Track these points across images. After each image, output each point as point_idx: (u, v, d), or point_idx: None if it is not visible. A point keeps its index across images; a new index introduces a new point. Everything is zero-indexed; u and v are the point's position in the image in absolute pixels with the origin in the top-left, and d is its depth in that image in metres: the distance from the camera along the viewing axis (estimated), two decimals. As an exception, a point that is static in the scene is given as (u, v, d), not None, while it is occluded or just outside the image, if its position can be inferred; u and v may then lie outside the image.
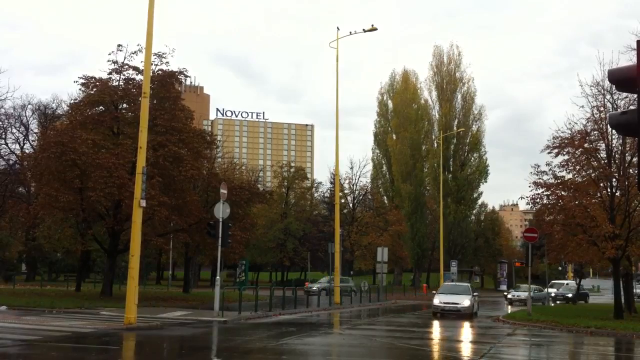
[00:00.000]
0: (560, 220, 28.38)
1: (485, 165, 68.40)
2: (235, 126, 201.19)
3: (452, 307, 27.75)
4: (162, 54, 29.48)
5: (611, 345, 19.26)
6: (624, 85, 8.34)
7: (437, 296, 29.15)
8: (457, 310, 27.69)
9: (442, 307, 27.88)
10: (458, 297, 28.53)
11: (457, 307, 27.76)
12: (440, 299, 28.48)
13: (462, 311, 27.67)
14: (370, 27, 34.42)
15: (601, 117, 26.79)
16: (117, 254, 31.68)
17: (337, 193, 39.11)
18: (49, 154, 26.68)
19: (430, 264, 69.59)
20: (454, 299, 28.18)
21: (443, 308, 27.86)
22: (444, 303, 28.01)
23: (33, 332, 16.36)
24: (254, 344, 16.17)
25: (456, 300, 28.14)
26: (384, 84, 75.10)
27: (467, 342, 18.61)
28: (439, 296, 29.00)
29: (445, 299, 28.32)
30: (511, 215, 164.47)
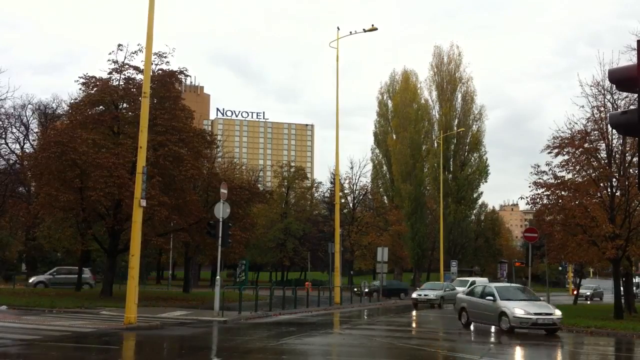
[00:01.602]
0: (560, 220, 28.37)
1: (486, 165, 68.44)
2: (235, 126, 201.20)
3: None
4: (163, 54, 29.51)
5: (611, 345, 19.26)
6: (624, 84, 8.35)
7: None
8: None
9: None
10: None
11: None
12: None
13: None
14: (371, 27, 34.44)
15: (601, 117, 26.78)
16: (117, 254, 31.67)
17: (337, 193, 39.12)
18: (49, 154, 26.66)
19: (430, 264, 69.60)
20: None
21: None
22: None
23: (33, 331, 16.35)
24: (254, 344, 16.17)
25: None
26: (384, 84, 75.21)
27: (467, 342, 18.61)
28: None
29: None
30: (511, 215, 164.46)
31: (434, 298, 35.72)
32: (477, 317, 21.79)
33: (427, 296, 35.86)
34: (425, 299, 35.71)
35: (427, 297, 35.80)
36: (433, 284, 41.03)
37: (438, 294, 36.13)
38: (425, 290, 37.47)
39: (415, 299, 35.81)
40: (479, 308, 21.53)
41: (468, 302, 22.31)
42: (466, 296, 23.08)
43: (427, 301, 35.60)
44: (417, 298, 35.81)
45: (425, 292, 36.54)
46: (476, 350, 16.00)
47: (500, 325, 20.22)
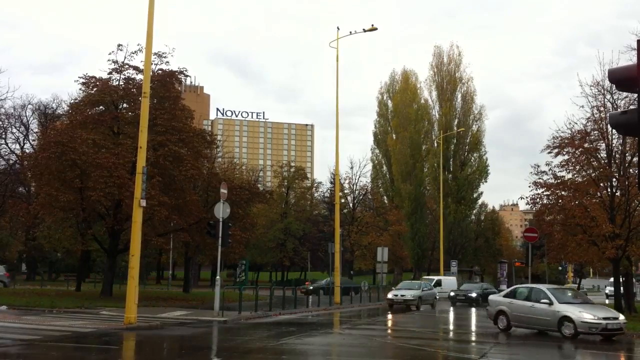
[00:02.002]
0: (560, 220, 28.38)
1: (486, 165, 68.36)
2: (235, 126, 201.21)
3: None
4: (162, 54, 29.51)
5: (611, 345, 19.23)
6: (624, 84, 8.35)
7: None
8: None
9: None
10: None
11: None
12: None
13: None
14: (371, 27, 34.42)
15: (601, 117, 26.78)
16: (117, 254, 31.67)
17: (337, 193, 39.12)
18: (49, 154, 26.66)
19: (430, 264, 69.55)
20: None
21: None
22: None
23: (33, 331, 16.36)
24: (254, 344, 16.17)
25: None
26: (383, 84, 75.14)
27: (467, 342, 18.60)
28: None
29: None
30: (511, 215, 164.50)
31: (411, 298, 33.02)
32: (521, 321, 20.43)
33: (403, 296, 33.12)
34: (402, 300, 33.08)
35: (404, 297, 33.06)
36: (410, 283, 38.10)
37: (415, 294, 33.40)
38: (402, 290, 34.60)
39: (390, 299, 33.30)
40: (527, 312, 20.09)
41: (509, 306, 20.68)
42: (505, 299, 21.30)
43: (404, 302, 33.06)
44: (393, 299, 33.25)
45: (402, 292, 33.74)
46: (476, 350, 15.99)
47: (562, 331, 18.91)
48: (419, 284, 36.18)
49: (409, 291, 33.79)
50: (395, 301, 33.07)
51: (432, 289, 35.96)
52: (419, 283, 37.15)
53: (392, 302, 33.06)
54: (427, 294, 34.76)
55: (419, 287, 35.13)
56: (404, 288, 35.00)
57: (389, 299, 33.36)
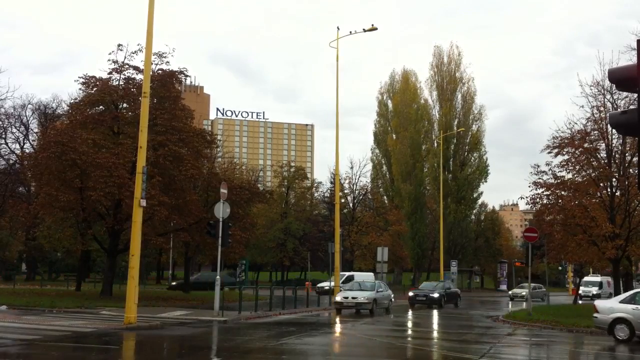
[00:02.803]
0: (560, 220, 28.41)
1: (485, 165, 68.39)
2: (235, 126, 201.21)
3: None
4: (162, 54, 29.52)
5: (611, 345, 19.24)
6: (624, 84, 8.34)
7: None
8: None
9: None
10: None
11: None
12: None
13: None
14: (371, 26, 34.41)
15: (601, 116, 26.82)
16: (117, 254, 31.67)
17: (337, 193, 39.11)
18: (49, 154, 26.66)
19: (430, 264, 69.58)
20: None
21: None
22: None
23: (33, 331, 16.36)
24: (254, 344, 16.17)
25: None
26: (383, 84, 75.16)
27: (467, 342, 18.60)
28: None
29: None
30: (511, 215, 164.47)
31: (365, 302, 27.65)
32: None
33: (355, 299, 27.72)
34: (353, 303, 27.67)
35: (356, 300, 27.69)
36: (362, 282, 32.16)
37: (370, 296, 28.00)
38: (353, 291, 29.04)
39: (339, 303, 27.76)
40: None
41: (633, 312, 18.31)
42: (626, 305, 18.78)
43: (355, 306, 27.69)
44: (343, 302, 27.67)
45: (354, 294, 28.26)
46: (476, 350, 16.00)
47: None
48: (373, 284, 30.52)
49: (362, 292, 28.56)
50: (345, 305, 27.72)
51: (388, 290, 31.11)
52: (373, 283, 31.42)
53: (341, 305, 27.74)
54: (382, 296, 29.51)
55: (373, 287, 29.60)
56: (356, 289, 29.70)
57: (338, 302, 27.97)
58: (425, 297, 35.28)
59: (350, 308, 27.95)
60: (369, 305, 27.69)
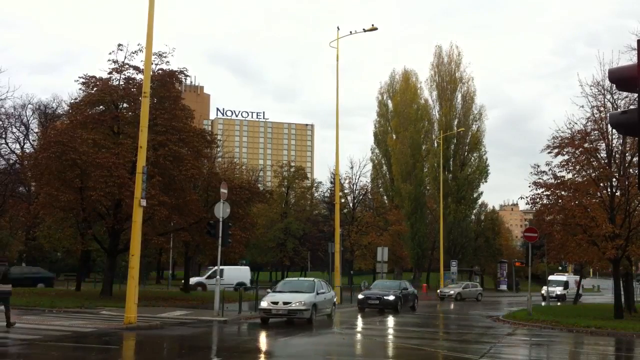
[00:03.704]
0: (560, 220, 28.38)
1: (486, 165, 68.40)
2: (235, 126, 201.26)
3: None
4: (162, 54, 29.49)
5: (611, 345, 19.26)
6: (624, 84, 8.34)
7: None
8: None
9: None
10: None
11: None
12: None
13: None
14: (371, 26, 34.42)
15: (601, 116, 26.80)
16: (117, 254, 31.65)
17: (337, 193, 39.11)
18: (49, 154, 26.65)
19: (430, 264, 69.60)
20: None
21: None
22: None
23: (33, 331, 16.37)
24: (254, 344, 16.16)
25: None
26: (383, 84, 75.16)
27: (467, 342, 18.60)
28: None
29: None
30: (511, 215, 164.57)
31: (301, 308, 20.87)
32: None
33: (288, 305, 20.85)
34: (285, 311, 20.89)
35: (289, 306, 20.83)
36: (298, 282, 24.63)
37: (307, 300, 21.18)
38: (285, 294, 21.88)
39: (266, 310, 20.98)
40: None
41: None
42: None
43: (288, 314, 20.99)
44: (271, 309, 20.94)
45: (286, 298, 21.21)
46: (476, 350, 16.00)
47: None
48: (312, 284, 22.91)
49: (296, 296, 21.46)
50: (275, 313, 20.96)
51: (331, 291, 24.55)
52: (312, 282, 23.34)
53: (268, 314, 21.02)
54: (324, 300, 22.78)
55: (311, 288, 22.37)
56: (289, 290, 22.37)
57: (264, 309, 21.05)
58: (379, 300, 29.51)
59: (281, 317, 21.11)
60: (307, 312, 20.87)
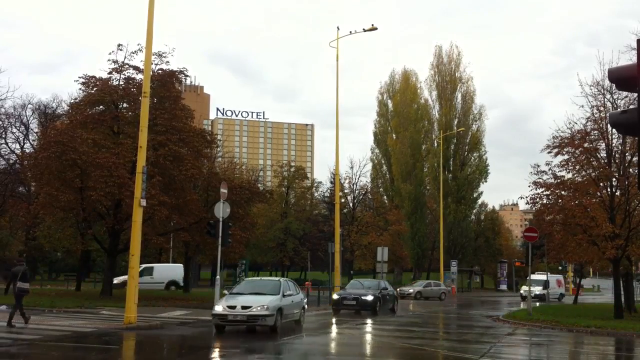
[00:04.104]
0: (560, 220, 28.37)
1: (485, 164, 68.44)
2: (235, 126, 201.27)
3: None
4: (162, 54, 29.50)
5: (611, 345, 19.26)
6: (624, 84, 8.34)
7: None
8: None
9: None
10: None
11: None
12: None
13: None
14: (370, 26, 34.41)
15: (601, 116, 26.79)
16: (117, 254, 31.67)
17: (337, 193, 39.09)
18: (49, 154, 26.66)
19: (430, 264, 69.62)
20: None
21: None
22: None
23: (33, 331, 16.37)
24: (254, 344, 16.15)
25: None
26: (383, 84, 75.21)
27: (467, 342, 18.60)
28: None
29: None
30: (511, 215, 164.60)
31: (264, 313, 17.00)
32: None
33: (248, 309, 17.05)
34: (244, 317, 17.04)
35: (249, 311, 17.02)
36: (261, 282, 20.34)
37: (272, 304, 17.37)
38: (244, 296, 18.14)
39: (222, 316, 17.19)
40: None
41: None
42: None
43: (248, 320, 17.13)
44: (227, 315, 17.12)
45: (245, 302, 17.46)
46: (476, 350, 16.00)
47: None
48: (277, 285, 19.15)
49: (258, 298, 17.66)
50: (232, 319, 17.18)
51: (299, 293, 20.50)
52: (277, 283, 19.55)
53: (224, 320, 17.26)
54: (291, 303, 18.90)
55: (276, 289, 18.64)
56: (250, 292, 18.57)
57: (219, 314, 17.26)
58: (356, 301, 27.10)
59: (239, 324, 17.49)
60: (271, 318, 17.10)
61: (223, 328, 17.57)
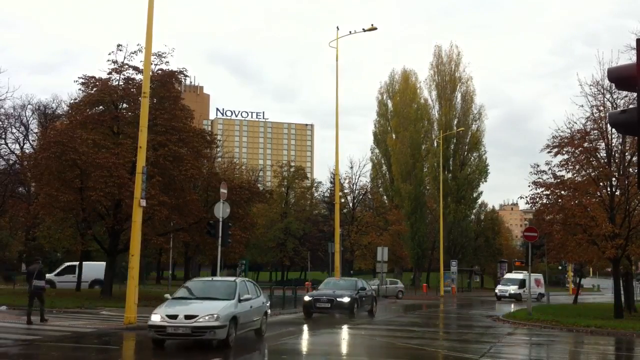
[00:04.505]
0: (560, 219, 28.38)
1: (485, 164, 68.40)
2: (235, 126, 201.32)
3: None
4: (162, 54, 29.48)
5: (611, 345, 19.27)
6: (623, 83, 8.33)
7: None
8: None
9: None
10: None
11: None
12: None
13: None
14: (370, 26, 34.37)
15: (601, 116, 26.79)
16: (117, 254, 31.64)
17: (337, 193, 39.08)
18: (49, 154, 26.64)
19: (430, 264, 69.61)
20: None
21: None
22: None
23: (33, 331, 16.37)
24: (254, 344, 16.14)
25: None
26: (383, 84, 75.14)
27: (467, 342, 18.60)
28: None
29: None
30: (511, 215, 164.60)
31: (214, 325, 13.79)
32: None
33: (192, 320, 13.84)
34: (188, 330, 13.82)
35: (194, 322, 13.80)
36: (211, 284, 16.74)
37: (223, 313, 14.11)
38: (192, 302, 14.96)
39: (159, 328, 13.90)
40: None
41: None
42: None
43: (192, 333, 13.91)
44: (166, 327, 13.82)
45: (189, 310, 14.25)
46: (476, 350, 16.00)
47: None
48: (233, 287, 15.49)
49: (205, 305, 14.38)
50: (170, 331, 13.88)
51: (260, 296, 17.13)
52: (232, 285, 15.76)
53: (162, 332, 13.94)
54: (249, 310, 15.47)
55: (231, 294, 15.14)
56: (197, 297, 15.32)
57: (156, 325, 13.89)
58: (330, 303, 24.42)
59: (182, 337, 14.02)
60: (222, 330, 13.84)
61: (162, 342, 14.21)
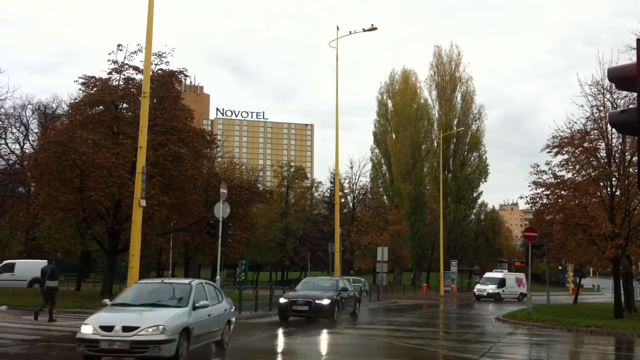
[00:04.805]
0: (560, 219, 28.37)
1: (485, 164, 68.40)
2: (235, 126, 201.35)
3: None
4: (162, 54, 29.55)
5: (611, 345, 19.27)
6: (623, 83, 8.33)
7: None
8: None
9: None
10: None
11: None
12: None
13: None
14: (370, 26, 34.35)
15: (601, 116, 26.78)
16: (117, 254, 31.68)
17: (337, 192, 39.05)
18: (49, 154, 26.67)
19: (430, 264, 69.61)
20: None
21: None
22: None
23: (33, 331, 16.38)
24: (254, 344, 16.15)
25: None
26: (383, 84, 75.08)
27: (467, 342, 18.60)
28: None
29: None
30: (511, 215, 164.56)
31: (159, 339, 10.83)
32: None
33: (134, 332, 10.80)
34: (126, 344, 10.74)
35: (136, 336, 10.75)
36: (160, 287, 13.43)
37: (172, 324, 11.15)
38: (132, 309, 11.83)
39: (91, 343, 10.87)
40: None
41: None
42: None
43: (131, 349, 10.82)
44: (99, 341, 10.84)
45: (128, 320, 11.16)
46: (476, 350, 16.00)
47: None
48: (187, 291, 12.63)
49: (149, 316, 11.50)
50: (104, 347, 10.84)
51: (223, 300, 14.29)
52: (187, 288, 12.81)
53: (94, 348, 10.90)
54: (206, 319, 12.75)
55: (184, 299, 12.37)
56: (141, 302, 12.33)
57: (86, 339, 10.94)
58: (308, 306, 21.84)
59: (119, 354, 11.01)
60: (169, 346, 11.04)
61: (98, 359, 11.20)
